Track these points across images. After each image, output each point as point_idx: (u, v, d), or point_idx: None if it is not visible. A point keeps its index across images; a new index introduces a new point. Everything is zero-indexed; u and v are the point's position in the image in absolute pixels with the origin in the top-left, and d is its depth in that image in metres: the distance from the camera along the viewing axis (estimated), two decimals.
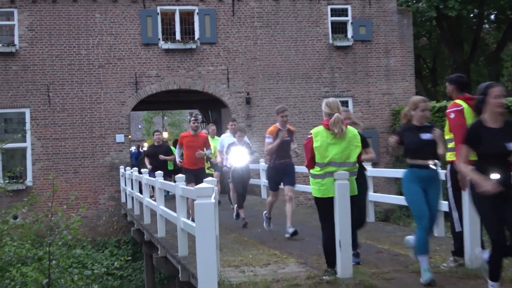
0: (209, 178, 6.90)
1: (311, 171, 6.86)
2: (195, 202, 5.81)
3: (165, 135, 50.84)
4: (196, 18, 21.25)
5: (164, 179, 12.09)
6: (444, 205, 8.20)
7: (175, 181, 9.24)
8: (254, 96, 21.42)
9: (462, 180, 6.59)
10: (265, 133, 11.17)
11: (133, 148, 34.69)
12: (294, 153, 10.61)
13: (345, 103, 21.65)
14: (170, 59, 21.02)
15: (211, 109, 26.89)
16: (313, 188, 6.86)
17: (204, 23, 21.24)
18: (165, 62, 20.98)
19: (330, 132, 6.73)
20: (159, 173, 11.88)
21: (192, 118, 12.03)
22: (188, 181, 11.18)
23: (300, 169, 12.70)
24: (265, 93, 21.56)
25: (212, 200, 5.76)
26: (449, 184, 7.14)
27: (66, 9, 20.45)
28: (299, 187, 14.91)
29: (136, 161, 25.03)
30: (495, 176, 5.10)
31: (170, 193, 18.21)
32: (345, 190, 6.60)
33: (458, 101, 6.96)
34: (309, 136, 6.86)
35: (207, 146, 12.15)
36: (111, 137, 20.57)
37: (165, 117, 63.68)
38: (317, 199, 6.83)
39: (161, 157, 16.15)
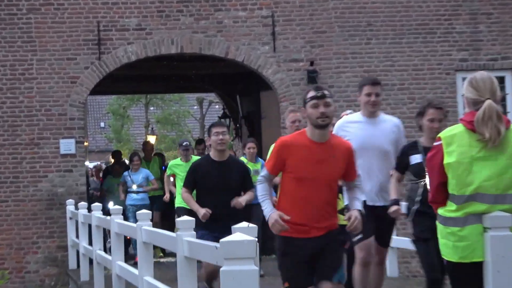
0: (244, 224, 6.91)
1: (440, 211, 6.87)
2: (221, 269, 5.84)
3: (152, 140, 51.25)
4: None
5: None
6: None
7: None
8: (323, 68, 21.47)
9: None
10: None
11: (102, 165, 34.71)
12: None
13: (499, 81, 21.56)
14: None
15: (241, 94, 27.01)
16: (443, 245, 6.86)
17: None
18: (154, 3, 21.18)
19: (477, 137, 6.73)
20: (144, 213, 11.92)
21: (311, 95, 8.47)
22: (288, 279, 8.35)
23: None
24: (345, 61, 21.60)
25: (254, 266, 5.79)
26: None
27: None
28: (399, 241, 15.01)
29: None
30: None
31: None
32: (506, 249, 6.59)
33: None
34: (436, 143, 6.88)
35: (352, 168, 8.64)
36: (50, 144, 20.81)
37: (151, 108, 64.29)
38: (451, 266, 6.85)
39: (237, 202, 12.06)
